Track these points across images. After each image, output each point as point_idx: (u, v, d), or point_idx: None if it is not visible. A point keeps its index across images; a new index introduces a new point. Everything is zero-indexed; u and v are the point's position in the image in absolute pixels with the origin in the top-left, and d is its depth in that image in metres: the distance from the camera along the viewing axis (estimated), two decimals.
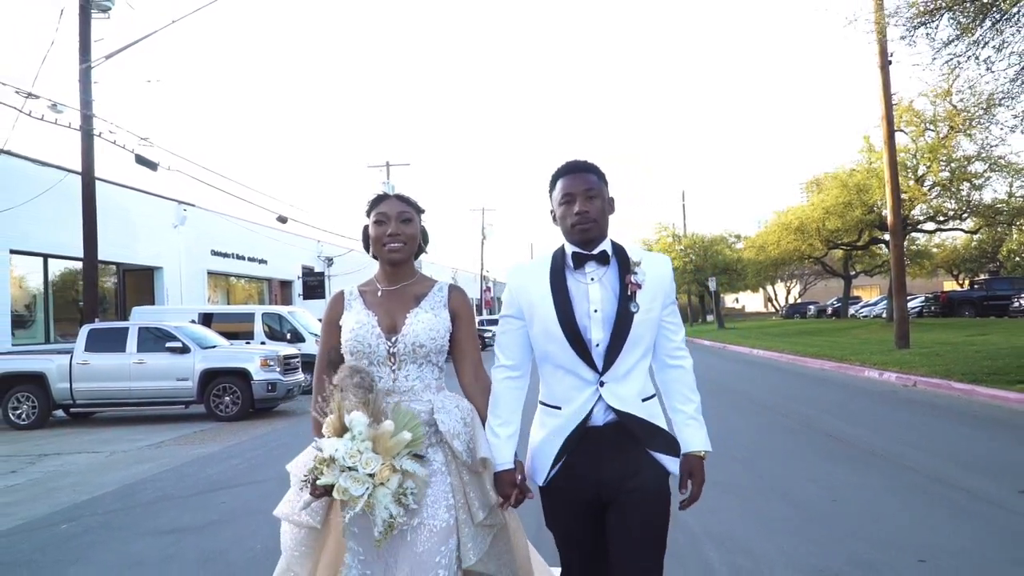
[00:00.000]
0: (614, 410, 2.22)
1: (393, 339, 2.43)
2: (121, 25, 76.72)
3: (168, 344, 13.21)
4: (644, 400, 2.27)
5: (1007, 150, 22.07)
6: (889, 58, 18.29)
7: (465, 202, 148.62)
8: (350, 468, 2.12)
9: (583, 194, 2.27)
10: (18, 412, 13.11)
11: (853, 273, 42.81)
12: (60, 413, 13.88)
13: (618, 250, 2.32)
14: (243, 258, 27.96)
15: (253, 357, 13.38)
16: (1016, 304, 30.32)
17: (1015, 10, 8.97)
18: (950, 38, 10.14)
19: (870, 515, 5.00)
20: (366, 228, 2.61)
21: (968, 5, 9.29)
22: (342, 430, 2.18)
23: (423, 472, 2.24)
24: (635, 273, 2.24)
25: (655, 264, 2.31)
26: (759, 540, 4.52)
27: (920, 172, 28.29)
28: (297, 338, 17.85)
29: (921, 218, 29.85)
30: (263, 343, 17.41)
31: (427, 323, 2.44)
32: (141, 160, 17.30)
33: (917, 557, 4.10)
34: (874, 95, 18.32)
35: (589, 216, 2.25)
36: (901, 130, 27.90)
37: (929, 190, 27.65)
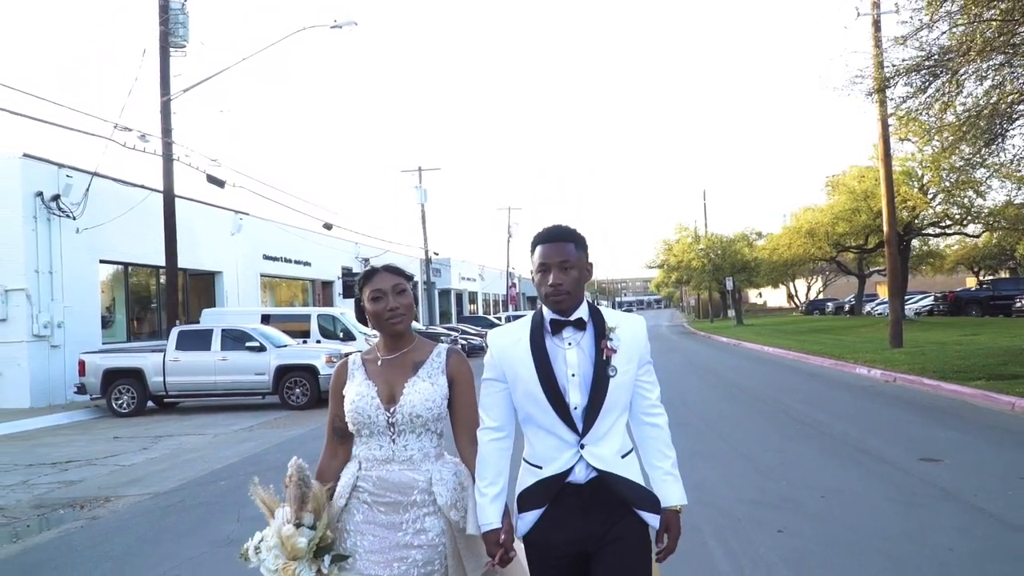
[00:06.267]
0: (596, 469, 2.31)
1: (392, 409, 2.51)
2: (195, 60, 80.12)
3: (247, 343, 15.44)
4: (623, 456, 2.36)
5: (1006, 157, 23.54)
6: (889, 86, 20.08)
7: (492, 202, 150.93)
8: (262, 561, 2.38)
9: (558, 265, 2.34)
10: (120, 402, 15.41)
11: (867, 272, 44.46)
12: (149, 403, 16.12)
13: (595, 314, 2.41)
14: (290, 261, 30.28)
15: (320, 354, 15.55)
16: (1018, 304, 31.87)
17: (960, 72, 10.84)
18: (904, 96, 12.06)
19: (801, 470, 7.06)
20: (359, 303, 2.69)
21: (921, 72, 11.18)
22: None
23: (335, 573, 2.41)
24: (610, 339, 2.35)
25: (630, 327, 2.41)
26: (719, 484, 6.59)
27: (925, 180, 29.95)
28: (349, 336, 20.02)
29: (925, 223, 31.47)
30: (318, 341, 19.65)
31: (424, 393, 2.52)
32: (212, 179, 19.59)
33: (820, 494, 6.18)
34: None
35: (563, 288, 2.33)
36: (908, 139, 29.54)
37: (932, 198, 29.31)
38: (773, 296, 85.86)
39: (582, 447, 2.31)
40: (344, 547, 2.49)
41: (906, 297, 35.31)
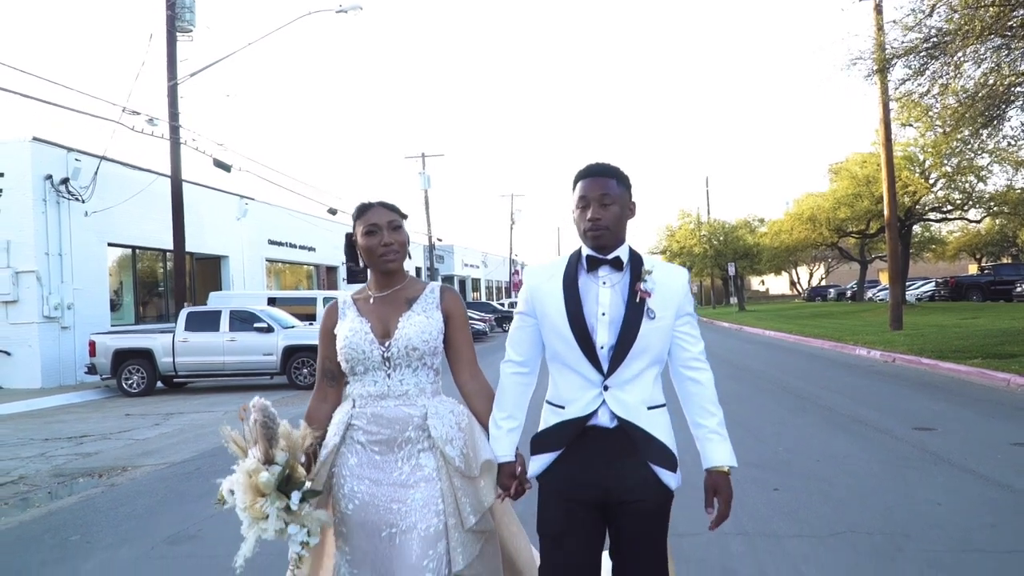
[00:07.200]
0: (617, 416, 2.23)
1: (387, 344, 2.45)
2: (201, 44, 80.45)
3: (255, 324, 15.66)
4: (650, 408, 2.26)
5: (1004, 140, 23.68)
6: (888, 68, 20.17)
7: (495, 188, 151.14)
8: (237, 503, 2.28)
9: (598, 200, 2.26)
10: (130, 382, 15.65)
11: (869, 258, 44.62)
12: (159, 384, 16.36)
13: (634, 257, 2.32)
14: (295, 246, 30.52)
15: None
16: (1019, 289, 32.05)
17: (957, 54, 11.03)
18: (904, 78, 12.26)
19: (798, 439, 7.30)
20: (350, 237, 2.62)
21: (919, 53, 11.36)
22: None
23: (305, 511, 2.30)
24: (645, 281, 2.25)
25: (669, 275, 2.32)
26: None
27: (927, 165, 30.07)
28: None
29: (927, 209, 31.60)
30: None
31: (419, 325, 2.46)
32: (218, 164, 19.79)
33: (815, 459, 6.42)
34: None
35: (601, 224, 2.25)
36: (910, 124, 29.68)
37: (934, 183, 29.45)
38: (775, 283, 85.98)
39: (606, 389, 2.24)
40: (342, 492, 2.44)
41: (907, 283, 35.51)
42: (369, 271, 2.61)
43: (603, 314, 2.25)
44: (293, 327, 16.23)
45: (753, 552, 4.26)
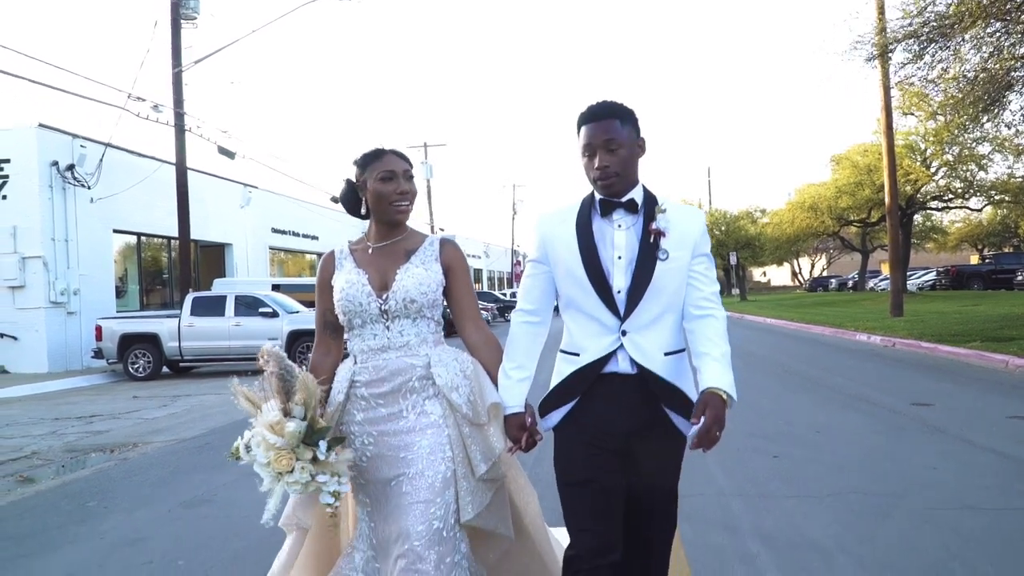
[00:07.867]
0: (635, 363, 2.16)
1: (384, 296, 2.40)
2: (206, 32, 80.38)
3: (260, 309, 15.80)
4: (667, 354, 2.19)
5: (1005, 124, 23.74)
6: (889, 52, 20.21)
7: (497, 178, 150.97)
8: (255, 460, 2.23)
9: (604, 146, 2.17)
10: (136, 366, 15.78)
11: (871, 247, 44.70)
12: (164, 368, 16.50)
13: (649, 198, 2.25)
14: (298, 235, 30.64)
15: None
16: (1020, 277, 32.13)
17: (954, 41, 11.13)
18: (904, 62, 12.37)
19: (798, 413, 7.45)
20: (351, 183, 2.54)
21: (919, 37, 11.45)
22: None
23: (332, 458, 2.22)
24: (657, 220, 2.19)
25: (685, 215, 2.25)
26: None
27: (928, 153, 30.13)
28: None
29: (928, 197, 31.67)
30: None
31: (418, 278, 2.41)
32: (223, 151, 19.88)
33: (815, 430, 6.57)
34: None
35: (610, 171, 2.17)
36: (911, 113, 29.73)
37: (935, 172, 29.51)
38: (777, 275, 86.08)
39: (623, 334, 2.17)
40: (352, 448, 2.39)
41: (909, 272, 35.62)
42: (371, 221, 2.55)
43: (619, 257, 2.19)
44: (297, 312, 16.37)
45: (753, 511, 4.39)
